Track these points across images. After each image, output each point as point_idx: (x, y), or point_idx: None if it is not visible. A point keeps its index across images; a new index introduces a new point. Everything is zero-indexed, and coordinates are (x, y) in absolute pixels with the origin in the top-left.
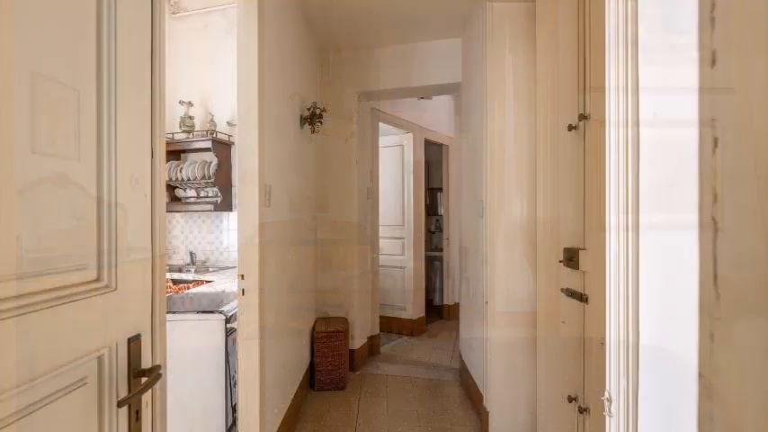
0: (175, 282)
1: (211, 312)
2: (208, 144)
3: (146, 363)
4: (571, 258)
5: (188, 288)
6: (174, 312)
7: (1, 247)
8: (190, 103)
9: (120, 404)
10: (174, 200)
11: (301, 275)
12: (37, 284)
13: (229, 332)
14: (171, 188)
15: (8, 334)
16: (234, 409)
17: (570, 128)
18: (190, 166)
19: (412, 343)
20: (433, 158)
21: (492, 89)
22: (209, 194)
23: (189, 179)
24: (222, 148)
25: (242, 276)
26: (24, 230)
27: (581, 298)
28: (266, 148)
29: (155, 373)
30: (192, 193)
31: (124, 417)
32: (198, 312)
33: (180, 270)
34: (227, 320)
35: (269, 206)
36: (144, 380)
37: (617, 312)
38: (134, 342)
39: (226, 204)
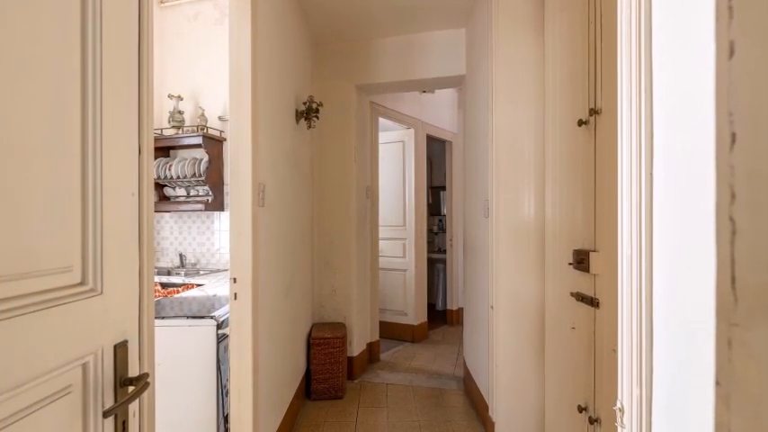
0: (164, 285)
1: (202, 318)
2: (198, 140)
3: (133, 371)
4: (581, 261)
5: (177, 292)
6: (162, 317)
7: None
8: (179, 97)
9: (105, 414)
10: (163, 199)
11: (297, 279)
12: (18, 288)
13: (221, 338)
14: (159, 186)
15: None
16: (226, 420)
17: (580, 123)
18: (179, 164)
19: (413, 350)
20: (436, 155)
21: (497, 82)
22: (200, 193)
23: (178, 177)
24: (213, 144)
25: (234, 280)
26: (4, 231)
27: (592, 302)
28: (260, 145)
29: (142, 382)
30: (181, 191)
31: (110, 427)
32: (188, 318)
33: (169, 273)
34: (219, 326)
35: (263, 206)
36: (131, 389)
37: (630, 317)
38: (121, 349)
39: (217, 204)
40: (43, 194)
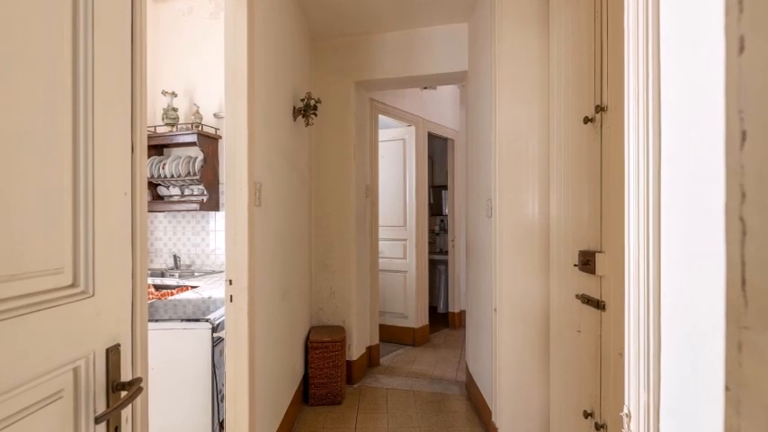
0: (158, 287)
1: (197, 320)
2: (193, 138)
3: (125, 375)
4: (587, 262)
5: (171, 294)
6: (156, 320)
7: None
8: (173, 94)
9: (97, 420)
10: (157, 198)
11: (294, 281)
12: (7, 290)
13: (216, 342)
14: (153, 186)
15: None
16: (221, 426)
17: (586, 120)
18: (173, 162)
19: (414, 354)
20: (438, 153)
21: (501, 78)
22: (195, 192)
23: (172, 176)
24: (208, 142)
25: (230, 282)
26: None
27: (598, 305)
28: (256, 143)
29: (135, 387)
30: (175, 191)
31: None
32: (182, 320)
33: (162, 275)
34: (214, 329)
35: (259, 205)
36: (124, 394)
37: (637, 320)
38: (113, 352)
39: (212, 203)
40: (33, 194)
